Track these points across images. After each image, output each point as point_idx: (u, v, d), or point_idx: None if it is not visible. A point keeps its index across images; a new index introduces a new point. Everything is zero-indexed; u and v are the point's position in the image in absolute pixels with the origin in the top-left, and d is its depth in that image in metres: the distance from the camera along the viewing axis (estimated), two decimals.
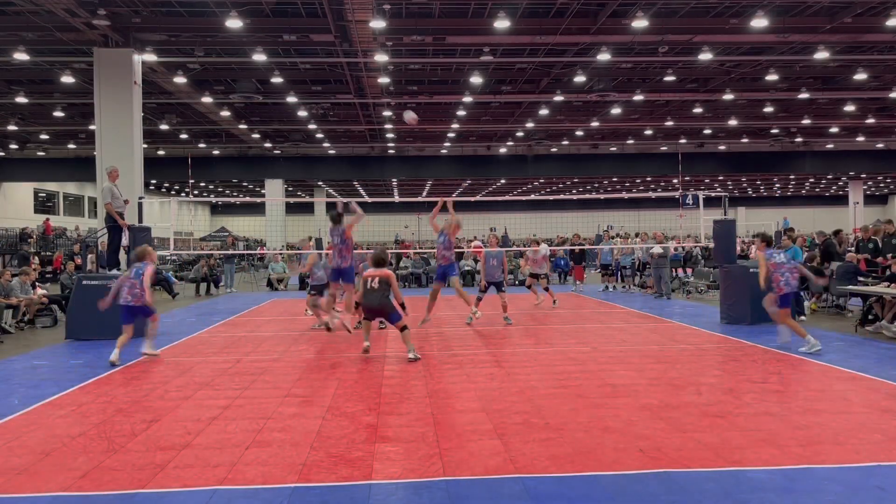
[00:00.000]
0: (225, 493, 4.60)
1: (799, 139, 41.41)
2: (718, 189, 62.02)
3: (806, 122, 35.48)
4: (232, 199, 62.26)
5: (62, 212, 51.25)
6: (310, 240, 16.86)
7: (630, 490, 4.62)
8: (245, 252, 35.01)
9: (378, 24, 18.76)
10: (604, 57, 21.63)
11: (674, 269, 22.27)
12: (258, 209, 55.71)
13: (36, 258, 26.58)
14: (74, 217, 50.00)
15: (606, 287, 21.64)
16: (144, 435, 5.97)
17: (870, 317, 12.18)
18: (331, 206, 42.56)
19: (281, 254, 30.03)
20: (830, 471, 4.92)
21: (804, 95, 28.79)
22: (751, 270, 12.44)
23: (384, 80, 25.69)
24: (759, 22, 18.82)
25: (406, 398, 7.29)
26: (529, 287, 17.03)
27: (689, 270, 24.67)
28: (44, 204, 49.90)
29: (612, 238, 23.35)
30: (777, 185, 68.03)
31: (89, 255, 15.15)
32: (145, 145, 29.02)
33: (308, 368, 9.03)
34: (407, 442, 5.70)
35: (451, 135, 38.28)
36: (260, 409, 6.89)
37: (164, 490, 4.68)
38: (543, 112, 32.06)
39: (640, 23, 18.53)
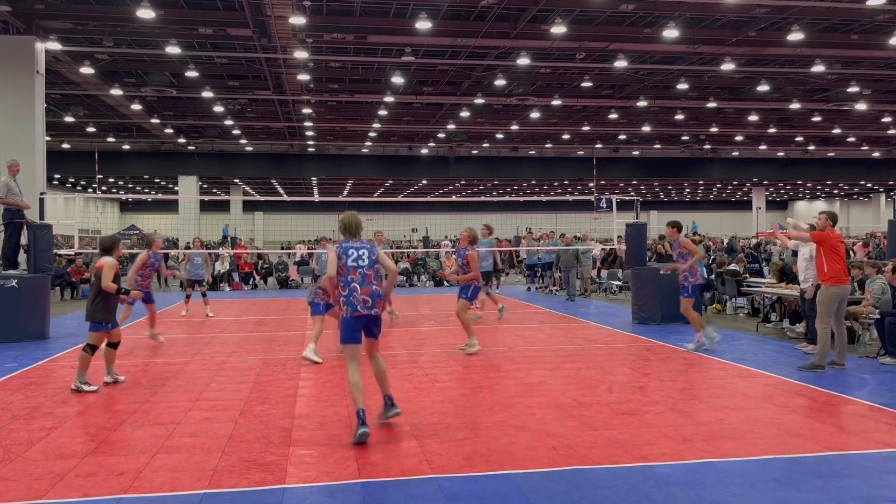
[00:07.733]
0: (130, 502, 4.42)
1: (707, 146, 43.25)
2: (632, 193, 64.15)
3: (714, 130, 37.09)
4: (144, 197, 59.95)
5: None
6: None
7: (541, 487, 4.71)
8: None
9: (298, 20, 18.48)
10: (523, 61, 21.98)
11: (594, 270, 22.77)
12: (171, 206, 53.92)
13: None
14: None
15: (529, 288, 22.05)
16: (44, 443, 5.67)
17: (771, 318, 12.92)
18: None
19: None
20: (731, 464, 5.16)
21: (712, 104, 30.08)
22: (660, 273, 12.90)
23: (304, 77, 25.32)
24: (671, 32, 19.59)
25: (321, 400, 7.21)
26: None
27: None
28: None
29: (536, 239, 23.51)
30: (687, 190, 70.86)
31: None
32: (48, 138, 27.68)
33: (220, 371, 8.79)
34: (322, 445, 5.63)
35: (372, 134, 38.05)
36: (169, 413, 6.67)
37: (63, 500, 4.46)
38: (465, 114, 32.29)
39: (558, 28, 18.92)
